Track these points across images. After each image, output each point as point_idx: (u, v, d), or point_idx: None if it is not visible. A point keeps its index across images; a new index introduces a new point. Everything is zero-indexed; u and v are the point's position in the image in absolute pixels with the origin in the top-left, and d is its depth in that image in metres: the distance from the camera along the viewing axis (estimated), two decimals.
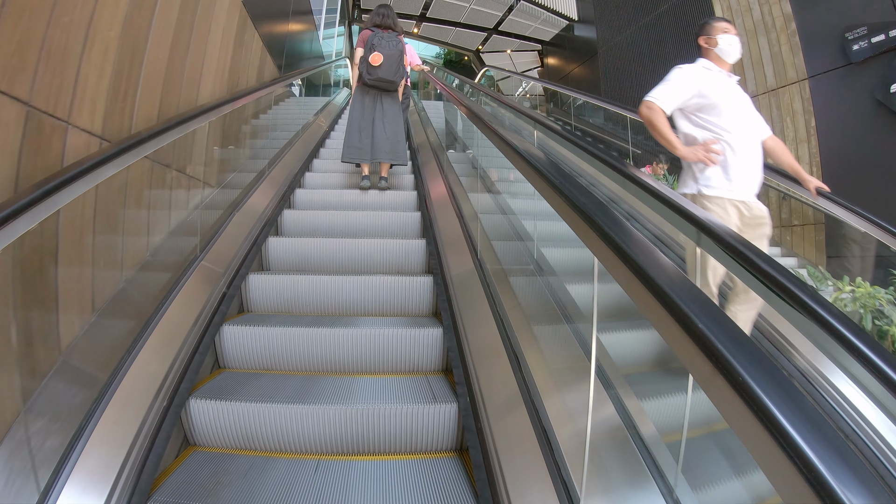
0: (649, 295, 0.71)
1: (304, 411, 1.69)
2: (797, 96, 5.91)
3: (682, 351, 0.63)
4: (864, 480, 0.42)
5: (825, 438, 0.45)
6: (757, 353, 0.54)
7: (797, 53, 5.87)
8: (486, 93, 5.48)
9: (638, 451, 1.28)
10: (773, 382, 0.50)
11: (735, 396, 0.52)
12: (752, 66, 6.18)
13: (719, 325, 0.59)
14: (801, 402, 0.48)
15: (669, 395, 1.60)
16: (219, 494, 1.41)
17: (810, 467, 0.43)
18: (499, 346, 1.79)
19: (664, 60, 7.59)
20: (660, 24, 7.77)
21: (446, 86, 4.60)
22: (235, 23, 3.28)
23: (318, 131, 5.51)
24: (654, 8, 7.92)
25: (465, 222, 2.81)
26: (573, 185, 1.14)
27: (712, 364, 0.56)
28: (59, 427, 1.30)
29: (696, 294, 0.65)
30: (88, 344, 1.53)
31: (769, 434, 0.47)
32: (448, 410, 1.71)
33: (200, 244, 2.37)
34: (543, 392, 1.50)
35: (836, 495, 0.41)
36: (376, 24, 3.69)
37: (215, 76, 2.88)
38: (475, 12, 12.96)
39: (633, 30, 8.61)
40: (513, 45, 14.95)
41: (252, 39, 3.68)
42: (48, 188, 1.18)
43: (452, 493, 1.45)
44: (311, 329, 2.11)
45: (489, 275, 2.22)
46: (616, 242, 0.85)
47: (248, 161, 3.44)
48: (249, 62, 3.63)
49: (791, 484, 0.45)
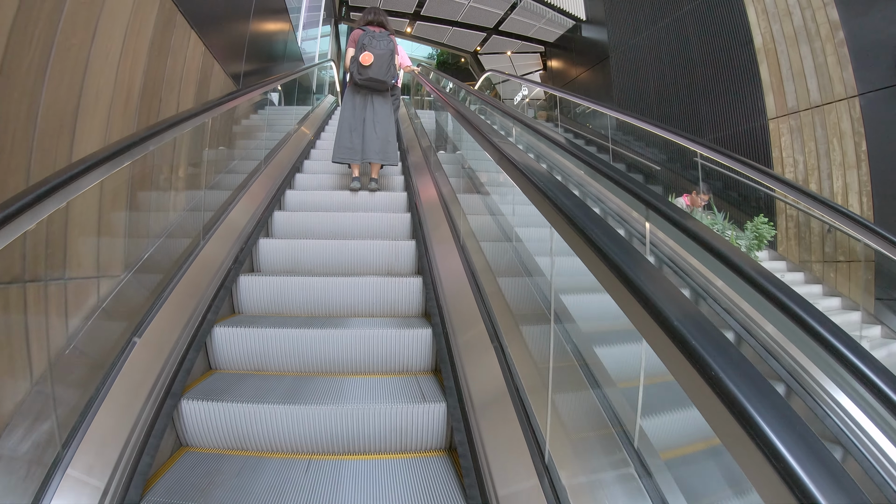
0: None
1: (296, 412, 1.71)
2: (845, 115, 5.17)
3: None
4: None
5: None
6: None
7: (846, 67, 5.12)
8: (489, 102, 4.68)
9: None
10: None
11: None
12: (791, 77, 5.42)
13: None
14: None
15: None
16: (212, 494, 1.42)
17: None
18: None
19: (688, 66, 6.92)
20: (683, 26, 6.98)
21: (440, 90, 3.95)
22: (151, 21, 2.28)
23: (297, 146, 4.79)
24: (675, 8, 7.13)
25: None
26: (613, 241, 0.95)
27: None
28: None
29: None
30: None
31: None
32: (437, 410, 1.74)
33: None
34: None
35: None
36: (368, 21, 3.72)
37: (112, 105, 1.92)
38: (475, 10, 11.89)
39: (651, 32, 7.77)
40: (514, 47, 13.84)
41: (185, 44, 2.75)
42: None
43: (442, 491, 1.48)
44: (302, 330, 2.14)
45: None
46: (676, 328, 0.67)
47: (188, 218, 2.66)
48: (182, 75, 2.71)
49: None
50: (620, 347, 1.77)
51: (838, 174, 5.20)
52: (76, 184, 1.29)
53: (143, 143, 1.68)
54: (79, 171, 1.30)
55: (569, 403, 1.47)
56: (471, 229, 2.58)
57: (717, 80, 6.33)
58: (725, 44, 6.17)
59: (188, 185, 2.61)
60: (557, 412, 1.38)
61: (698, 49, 6.67)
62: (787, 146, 5.36)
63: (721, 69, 6.25)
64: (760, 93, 5.60)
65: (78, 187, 1.32)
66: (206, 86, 3.15)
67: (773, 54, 5.49)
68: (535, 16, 11.34)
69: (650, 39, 7.80)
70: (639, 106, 8.08)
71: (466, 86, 5.99)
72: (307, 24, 9.26)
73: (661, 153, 6.15)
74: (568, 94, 8.08)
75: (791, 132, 5.31)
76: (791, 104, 5.47)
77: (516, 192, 1.67)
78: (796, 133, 5.26)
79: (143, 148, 1.70)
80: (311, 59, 8.91)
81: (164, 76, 2.45)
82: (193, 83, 2.91)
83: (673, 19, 7.21)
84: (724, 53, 6.20)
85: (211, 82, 3.25)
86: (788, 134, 5.34)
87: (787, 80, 5.54)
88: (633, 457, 1.25)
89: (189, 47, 2.78)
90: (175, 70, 2.59)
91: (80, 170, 1.30)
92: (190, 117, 2.09)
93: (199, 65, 2.98)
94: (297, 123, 5.30)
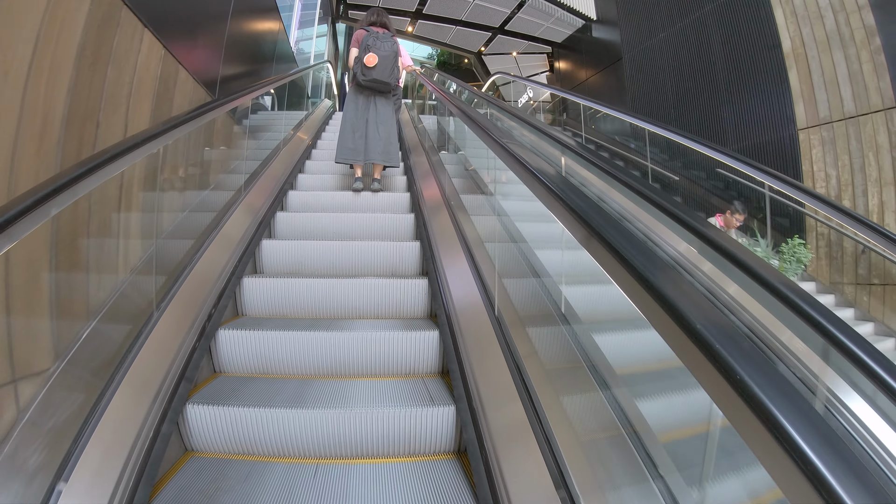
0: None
1: (302, 415, 1.68)
2: (882, 128, 4.77)
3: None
4: None
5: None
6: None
7: (882, 76, 4.73)
8: (504, 109, 4.24)
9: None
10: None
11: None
12: (824, 85, 4.99)
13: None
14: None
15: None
16: (219, 500, 1.40)
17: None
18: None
19: (709, 69, 6.49)
20: (704, 27, 6.53)
21: (446, 92, 3.67)
22: (80, 19, 1.78)
23: (288, 162, 4.22)
24: (695, 7, 6.68)
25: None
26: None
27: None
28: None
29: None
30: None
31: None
32: (446, 413, 1.72)
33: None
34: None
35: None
36: (371, 22, 3.73)
37: (17, 140, 1.44)
38: (480, 9, 11.31)
39: (669, 33, 7.31)
40: (520, 47, 13.27)
41: (135, 47, 2.22)
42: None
43: (452, 495, 1.47)
44: (307, 333, 2.11)
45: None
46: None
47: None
48: (133, 88, 2.20)
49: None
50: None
51: (874, 191, 4.81)
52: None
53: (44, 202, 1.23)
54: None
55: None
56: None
57: (742, 86, 5.92)
58: (751, 47, 5.79)
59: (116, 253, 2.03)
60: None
61: (721, 52, 6.25)
62: (818, 159, 4.94)
63: (746, 74, 5.88)
64: (789, 100, 5.22)
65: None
66: (169, 99, 2.68)
67: (803, 60, 5.07)
68: (543, 15, 10.85)
69: (668, 40, 7.32)
70: (655, 111, 7.61)
71: (489, 96, 5.51)
72: (303, 23, 8.86)
73: (676, 160, 5.76)
74: (586, 100, 7.50)
75: (823, 144, 4.90)
76: (823, 114, 5.04)
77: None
78: (829, 145, 4.84)
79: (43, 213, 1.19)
80: (306, 60, 8.51)
81: (104, 91, 2.00)
82: (149, 97, 2.41)
83: (693, 20, 6.76)
84: (749, 57, 5.85)
85: (175, 94, 2.78)
86: (820, 146, 4.92)
87: (818, 88, 5.11)
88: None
89: (141, 51, 2.31)
90: (120, 82, 2.13)
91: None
92: (122, 152, 1.49)
93: (156, 73, 2.51)
94: (293, 129, 4.84)
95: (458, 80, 6.18)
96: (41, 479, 1.15)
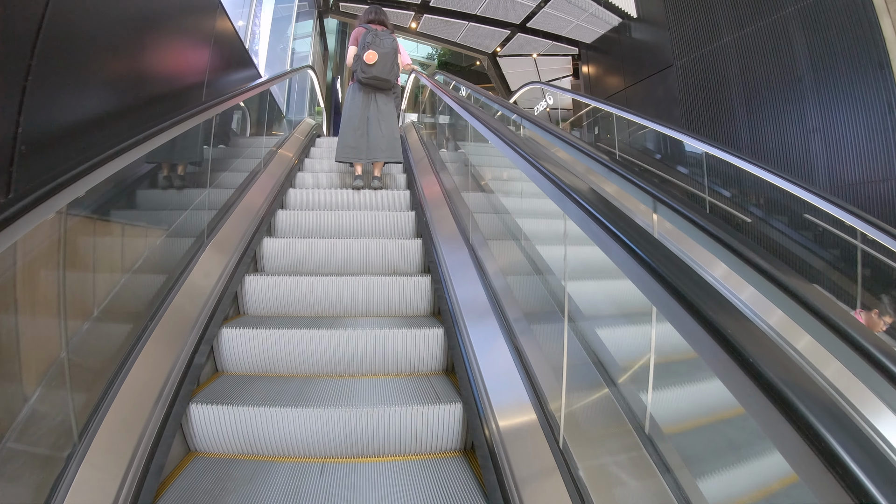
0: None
1: (307, 414, 1.67)
2: None
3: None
4: None
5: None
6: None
7: None
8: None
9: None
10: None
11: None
12: None
13: None
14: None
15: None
16: (224, 501, 1.39)
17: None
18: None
19: (794, 82, 5.18)
20: (785, 31, 5.28)
21: (459, 101, 3.10)
22: None
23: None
24: (775, 8, 5.37)
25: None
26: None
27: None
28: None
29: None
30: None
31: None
32: (452, 410, 1.71)
33: None
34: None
35: None
36: (370, 20, 3.74)
37: None
38: (498, 2, 9.47)
39: (736, 37, 5.90)
40: (541, 48, 11.24)
41: None
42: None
43: (460, 492, 1.46)
44: (310, 331, 2.10)
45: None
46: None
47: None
48: None
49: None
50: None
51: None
52: None
53: None
54: None
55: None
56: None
57: (836, 111, 4.75)
58: (848, 61, 4.70)
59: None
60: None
61: (808, 59, 5.05)
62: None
63: (842, 94, 4.72)
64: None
65: None
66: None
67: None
68: (575, 10, 9.09)
69: (736, 46, 5.94)
70: (718, 132, 6.18)
71: (516, 107, 4.43)
72: (277, 19, 7.16)
73: (748, 196, 4.59)
74: (638, 117, 5.11)
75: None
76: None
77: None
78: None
79: None
80: (279, 65, 6.80)
81: None
82: None
83: (771, 21, 5.47)
84: (846, 74, 4.71)
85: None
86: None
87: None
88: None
89: None
90: None
91: None
92: None
93: None
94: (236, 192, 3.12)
95: (481, 89, 4.28)
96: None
